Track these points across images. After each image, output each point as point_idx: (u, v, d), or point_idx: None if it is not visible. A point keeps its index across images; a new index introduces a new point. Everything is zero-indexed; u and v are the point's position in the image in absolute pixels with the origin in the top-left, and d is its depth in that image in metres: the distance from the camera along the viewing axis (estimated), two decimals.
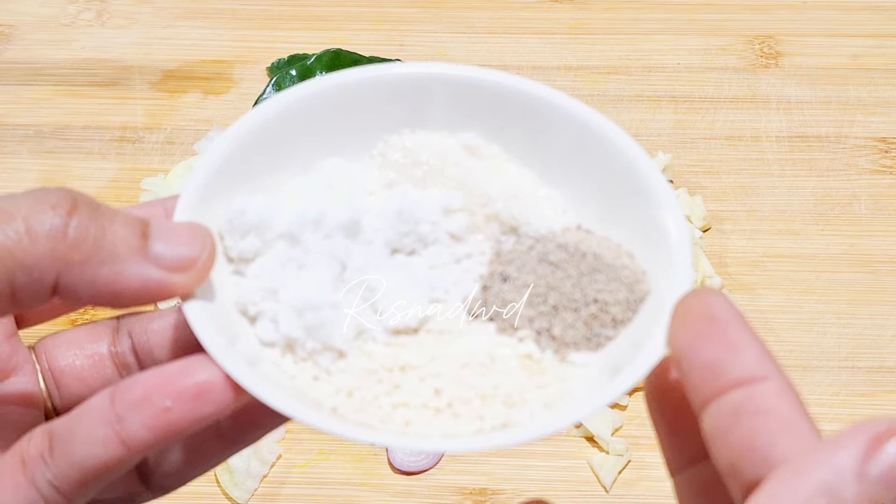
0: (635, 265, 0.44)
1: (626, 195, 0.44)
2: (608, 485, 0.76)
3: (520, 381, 0.42)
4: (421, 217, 0.45)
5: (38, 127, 0.97)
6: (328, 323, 0.42)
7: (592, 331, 0.43)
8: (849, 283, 0.85)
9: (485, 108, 0.47)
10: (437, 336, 0.43)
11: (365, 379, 0.42)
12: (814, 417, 0.35)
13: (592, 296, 0.43)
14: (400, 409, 0.41)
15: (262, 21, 1.05)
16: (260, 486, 0.76)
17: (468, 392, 0.41)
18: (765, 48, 1.02)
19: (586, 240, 0.45)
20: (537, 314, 0.43)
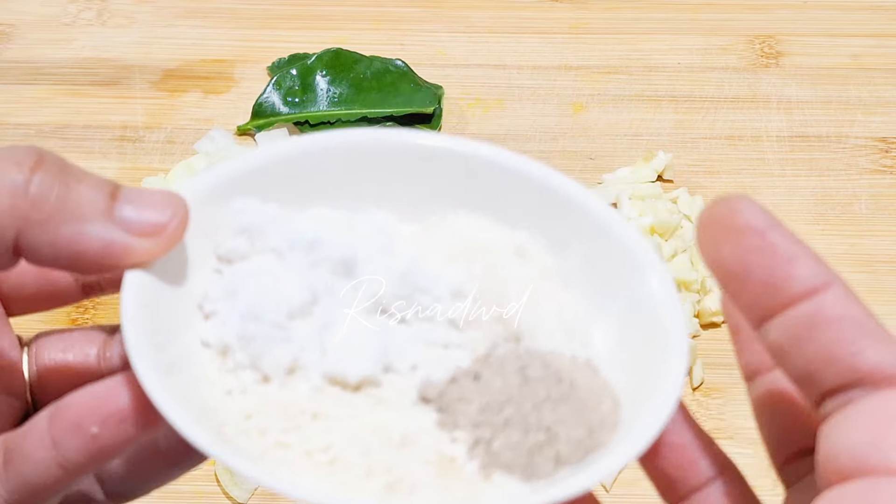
0: (611, 415, 0.40)
1: (645, 331, 0.41)
2: (608, 484, 0.76)
3: (421, 474, 0.38)
4: (425, 288, 0.42)
5: (38, 126, 0.97)
6: (263, 341, 0.39)
7: (531, 459, 0.39)
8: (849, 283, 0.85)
9: (552, 211, 0.44)
10: (372, 402, 0.40)
11: (272, 410, 0.39)
12: None
13: (547, 423, 0.39)
14: (280, 449, 0.38)
15: (262, 20, 1.05)
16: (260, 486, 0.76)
17: (357, 458, 0.38)
18: (765, 48, 1.02)
19: (580, 372, 0.41)
20: (485, 421, 0.40)
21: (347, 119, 0.95)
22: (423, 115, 0.96)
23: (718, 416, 0.79)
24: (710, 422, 0.78)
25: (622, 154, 0.94)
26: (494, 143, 0.47)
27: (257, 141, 0.94)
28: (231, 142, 0.93)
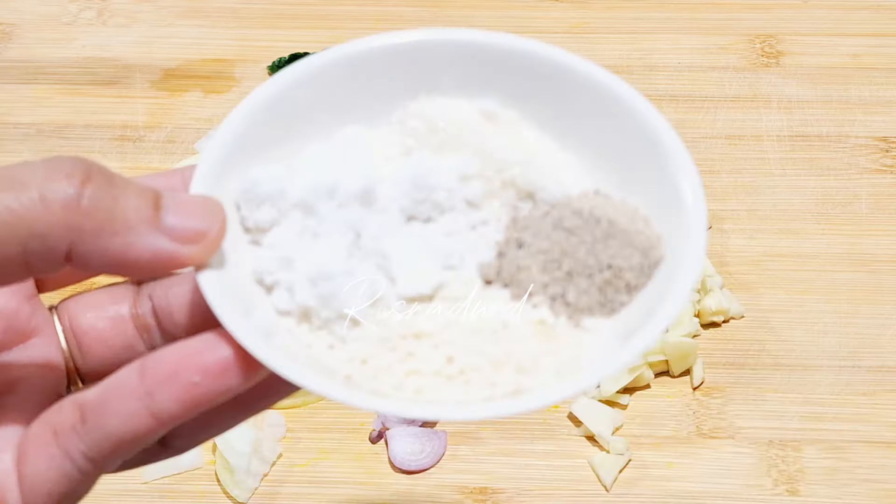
0: (650, 230, 0.44)
1: (644, 159, 0.45)
2: (608, 484, 0.76)
3: (532, 348, 0.42)
4: (436, 184, 0.45)
5: (38, 126, 0.97)
6: (342, 291, 0.42)
7: (606, 296, 0.43)
8: (850, 283, 0.85)
9: (502, 73, 0.46)
10: (451, 303, 0.43)
11: (378, 346, 0.42)
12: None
13: (606, 261, 0.43)
14: (412, 377, 0.41)
15: (262, 20, 1.05)
16: (261, 485, 0.76)
17: (480, 359, 0.42)
18: (766, 47, 1.02)
19: (602, 205, 0.45)
20: (551, 280, 0.43)
21: None
22: None
23: (718, 415, 0.79)
24: (710, 421, 0.78)
25: None
26: None
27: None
28: None
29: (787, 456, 0.77)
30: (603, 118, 0.46)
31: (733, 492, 0.75)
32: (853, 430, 0.78)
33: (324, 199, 0.44)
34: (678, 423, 0.79)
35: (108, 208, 0.38)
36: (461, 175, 0.45)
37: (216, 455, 0.76)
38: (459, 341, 0.42)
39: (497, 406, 0.40)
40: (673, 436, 0.78)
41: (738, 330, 0.83)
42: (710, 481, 0.76)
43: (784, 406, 0.79)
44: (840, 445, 0.77)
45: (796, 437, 0.78)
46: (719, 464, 0.77)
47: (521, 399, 0.40)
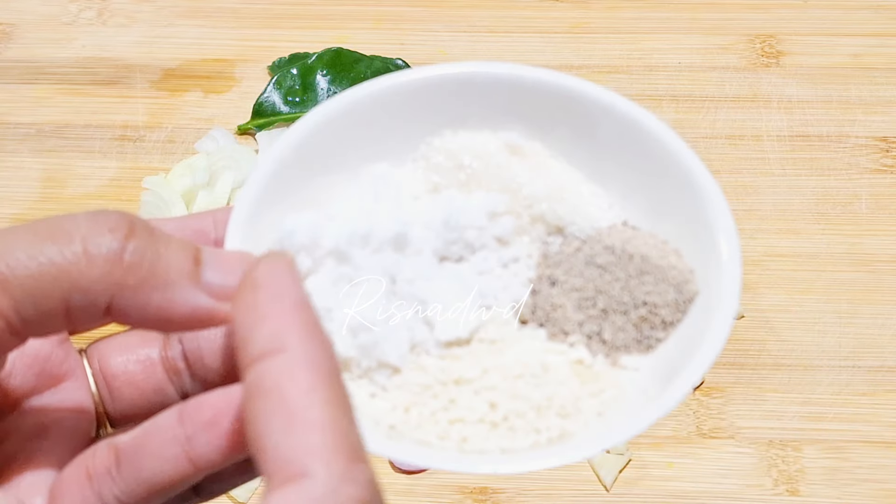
0: (683, 264, 0.44)
1: (671, 189, 0.44)
2: (609, 484, 0.76)
3: (573, 390, 0.42)
4: (467, 223, 0.44)
5: (39, 125, 0.97)
6: (382, 341, 0.42)
7: (643, 333, 0.43)
8: (850, 283, 0.85)
9: (525, 105, 0.47)
10: (488, 345, 0.43)
11: (420, 394, 0.42)
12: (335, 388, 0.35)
13: (641, 298, 0.43)
14: (457, 425, 0.41)
15: (263, 20, 1.05)
16: (261, 485, 0.76)
17: (523, 404, 0.41)
18: (766, 47, 1.02)
19: (633, 239, 0.44)
20: (587, 318, 0.43)
21: None
22: None
23: (719, 415, 0.79)
24: (711, 421, 0.78)
25: None
26: None
27: (258, 140, 0.94)
28: (232, 141, 0.93)
29: (788, 456, 0.77)
30: (627, 148, 0.45)
31: (733, 492, 0.75)
32: (853, 430, 0.78)
33: (358, 246, 0.43)
34: (678, 422, 0.79)
35: (150, 263, 0.38)
36: (490, 212, 0.45)
37: None
38: (501, 386, 0.42)
39: (544, 456, 0.40)
40: (673, 436, 0.78)
41: (738, 330, 0.83)
42: (710, 481, 0.76)
43: (784, 406, 0.79)
44: (840, 445, 0.77)
45: (796, 437, 0.78)
46: (719, 464, 0.77)
47: (567, 447, 0.40)
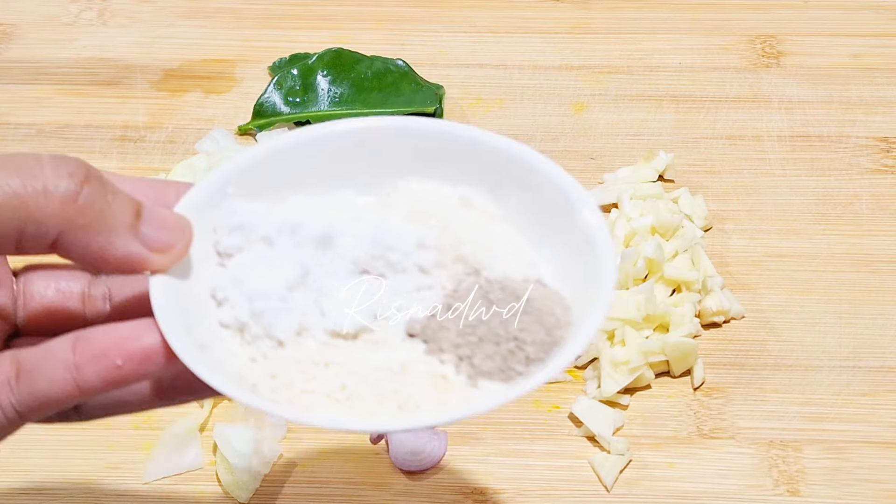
0: (564, 317, 0.50)
1: (582, 261, 0.51)
2: (609, 484, 0.76)
3: (422, 393, 0.48)
4: (394, 246, 0.51)
5: (39, 126, 0.97)
6: (272, 314, 0.49)
7: (507, 364, 0.49)
8: (850, 283, 0.85)
9: (485, 165, 0.53)
10: (370, 345, 0.50)
11: (291, 367, 0.49)
12: None
13: (514, 334, 0.50)
14: (307, 395, 0.48)
15: (263, 20, 1.05)
16: (261, 486, 0.76)
17: (368, 391, 0.48)
18: (766, 48, 1.02)
19: (532, 289, 0.51)
20: (464, 342, 0.50)
21: None
22: (425, 114, 0.96)
23: (719, 415, 0.79)
24: (711, 422, 0.78)
25: (623, 154, 0.94)
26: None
27: (258, 141, 0.94)
28: (232, 141, 0.93)
29: (788, 456, 0.77)
30: (559, 219, 0.52)
31: (734, 492, 0.75)
32: (854, 430, 0.78)
33: (286, 235, 0.51)
34: (679, 423, 0.79)
35: (98, 209, 0.45)
36: (419, 242, 0.51)
37: (217, 455, 0.77)
38: (359, 374, 0.49)
39: (358, 421, 0.48)
40: (673, 436, 0.78)
41: (738, 330, 0.83)
42: (710, 482, 0.76)
43: (785, 406, 0.79)
44: (841, 446, 0.77)
45: (797, 438, 0.78)
46: (720, 464, 0.77)
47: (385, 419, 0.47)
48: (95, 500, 0.76)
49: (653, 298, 0.80)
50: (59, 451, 0.78)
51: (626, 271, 0.82)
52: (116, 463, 0.77)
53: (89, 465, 0.77)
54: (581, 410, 0.78)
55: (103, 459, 0.78)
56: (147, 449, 0.78)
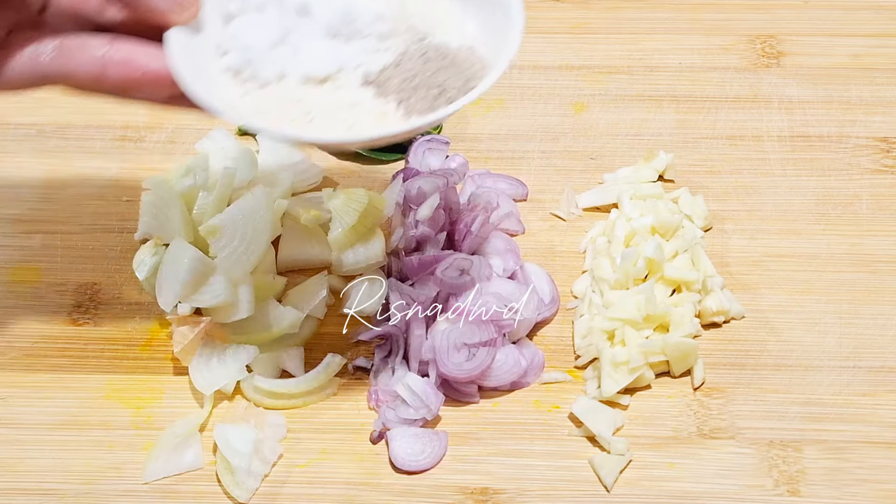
0: (481, 72, 0.71)
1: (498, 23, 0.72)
2: (609, 484, 0.76)
3: (367, 120, 0.69)
4: (358, 17, 0.71)
5: (39, 126, 0.97)
6: (259, 62, 0.70)
7: (434, 104, 0.70)
8: (850, 283, 0.85)
9: None
10: (332, 89, 0.71)
11: (272, 101, 0.69)
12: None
13: (440, 82, 0.70)
14: (280, 120, 0.68)
15: None
16: (261, 486, 0.76)
17: (327, 117, 0.69)
18: (766, 48, 1.02)
19: (461, 51, 0.71)
20: (404, 89, 0.70)
21: None
22: None
23: (719, 416, 0.79)
24: (711, 422, 0.78)
25: (623, 154, 0.94)
26: (495, 143, 0.73)
27: (258, 141, 0.94)
28: (232, 142, 0.93)
29: (788, 456, 0.77)
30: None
31: (734, 492, 0.75)
32: (854, 430, 0.78)
33: (273, 5, 0.72)
34: (679, 423, 0.79)
35: None
36: (378, 15, 0.71)
37: (217, 456, 0.77)
38: (321, 107, 0.69)
39: (316, 132, 0.69)
40: (674, 436, 0.78)
41: (738, 330, 0.83)
42: (710, 482, 0.76)
43: (785, 406, 0.79)
44: (841, 446, 0.77)
45: (797, 438, 0.78)
46: (720, 464, 0.77)
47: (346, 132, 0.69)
48: (95, 500, 0.76)
49: (653, 298, 0.80)
50: (59, 452, 0.78)
51: (626, 271, 0.82)
52: (116, 463, 0.77)
53: (89, 465, 0.77)
54: (581, 410, 0.78)
55: (103, 459, 0.78)
56: (147, 449, 0.78)
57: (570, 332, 0.83)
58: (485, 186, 0.90)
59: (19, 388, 0.81)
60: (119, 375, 0.82)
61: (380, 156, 0.94)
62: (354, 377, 0.82)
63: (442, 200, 0.86)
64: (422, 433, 0.78)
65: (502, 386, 0.80)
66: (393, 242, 0.85)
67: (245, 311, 0.81)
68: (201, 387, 0.79)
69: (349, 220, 0.85)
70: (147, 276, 0.83)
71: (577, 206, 0.91)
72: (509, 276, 0.83)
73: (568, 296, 0.85)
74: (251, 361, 0.81)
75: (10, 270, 0.88)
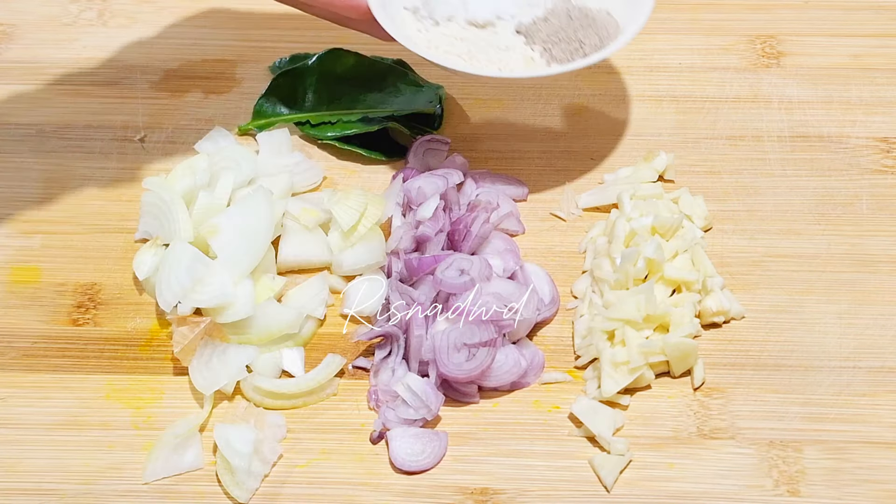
0: (614, 33, 0.88)
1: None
2: (609, 484, 0.76)
3: (516, 63, 0.87)
4: None
5: (39, 126, 0.97)
6: (435, 3, 0.89)
7: (572, 56, 0.87)
8: (850, 283, 0.85)
9: None
10: (490, 33, 0.88)
11: (440, 38, 0.88)
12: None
13: (580, 38, 0.87)
14: (446, 55, 0.86)
15: (263, 20, 1.05)
16: (261, 486, 0.76)
17: (484, 56, 0.87)
18: (766, 48, 1.02)
19: (599, 14, 0.89)
20: (548, 40, 0.87)
21: (349, 119, 0.95)
22: (425, 114, 0.96)
23: (719, 416, 0.79)
24: (711, 422, 0.78)
25: (623, 154, 0.94)
26: (495, 143, 0.76)
27: (258, 141, 0.94)
28: (232, 142, 0.93)
29: (788, 457, 0.77)
30: None
31: (734, 492, 0.75)
32: (854, 430, 0.78)
33: None
34: (679, 423, 0.79)
35: None
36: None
37: (217, 456, 0.76)
38: (480, 47, 0.87)
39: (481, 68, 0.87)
40: (674, 436, 0.78)
41: (738, 330, 0.83)
42: (710, 482, 0.76)
43: (785, 407, 0.79)
44: (841, 446, 0.77)
45: (797, 438, 0.78)
46: (720, 464, 0.77)
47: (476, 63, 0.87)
48: (95, 500, 0.76)
49: (653, 298, 0.80)
50: (58, 452, 0.78)
51: (626, 271, 0.82)
52: (116, 463, 0.77)
53: (89, 465, 0.77)
54: (581, 410, 0.78)
55: (103, 460, 0.78)
56: (147, 449, 0.78)
57: (570, 332, 0.83)
58: (485, 186, 0.90)
59: (19, 388, 0.81)
60: (119, 375, 0.82)
61: (380, 156, 0.94)
62: (354, 377, 0.82)
63: (442, 200, 0.86)
64: (422, 433, 0.78)
65: (502, 386, 0.80)
66: (393, 242, 0.85)
67: (245, 311, 0.81)
68: (201, 387, 0.79)
69: (349, 220, 0.85)
70: (147, 276, 0.83)
71: (577, 206, 0.91)
72: (509, 277, 0.83)
73: (568, 296, 0.85)
74: (251, 361, 0.81)
75: (10, 270, 0.88)
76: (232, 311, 0.81)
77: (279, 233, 0.86)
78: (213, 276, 0.81)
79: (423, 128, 0.95)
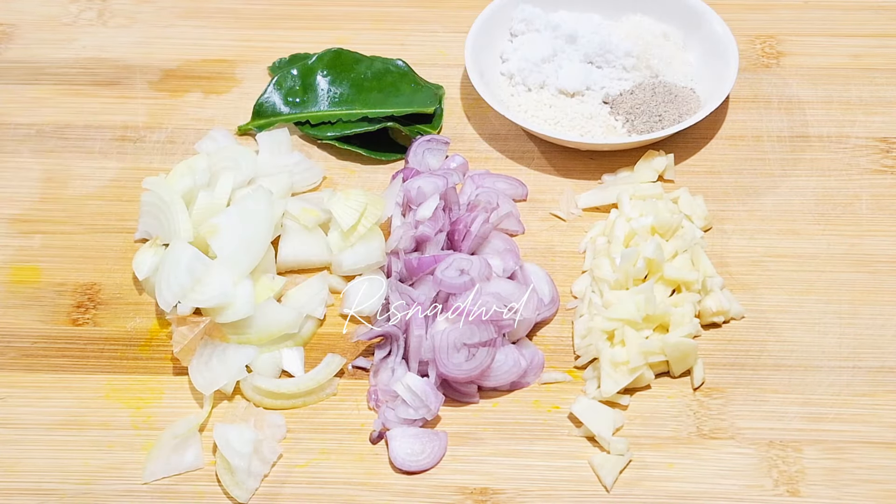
0: (695, 107, 0.94)
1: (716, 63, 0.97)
2: (609, 484, 0.76)
3: (599, 130, 0.94)
4: (612, 50, 0.97)
5: (39, 126, 0.97)
6: (528, 72, 0.97)
7: (651, 128, 0.93)
8: (850, 283, 0.85)
9: (684, 16, 1.00)
10: (578, 102, 0.95)
11: (531, 103, 0.96)
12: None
13: (660, 112, 0.93)
14: (534, 119, 0.95)
15: (263, 20, 1.05)
16: (261, 486, 0.76)
17: (569, 123, 0.94)
18: (766, 48, 1.02)
19: (682, 91, 0.95)
20: (631, 112, 0.94)
21: (349, 119, 0.95)
22: (425, 114, 0.96)
23: (719, 416, 0.79)
24: (711, 422, 0.78)
25: (623, 154, 0.94)
26: (495, 143, 0.76)
27: (258, 141, 0.94)
28: (232, 142, 0.93)
29: (788, 456, 0.77)
30: (706, 44, 0.98)
31: (734, 492, 0.75)
32: (853, 430, 0.78)
33: (549, 30, 0.98)
34: (679, 423, 0.79)
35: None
36: (627, 52, 0.97)
37: (216, 456, 0.76)
38: (567, 114, 0.95)
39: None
40: (673, 436, 0.78)
41: (738, 330, 0.83)
42: (710, 482, 0.76)
43: (784, 407, 0.79)
44: (840, 446, 0.77)
45: (797, 438, 0.78)
46: (720, 464, 0.77)
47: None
48: (95, 500, 0.76)
49: (653, 298, 0.80)
50: (58, 452, 0.78)
51: (625, 271, 0.82)
52: (116, 463, 0.77)
53: (89, 465, 0.77)
54: (581, 410, 0.78)
55: (103, 460, 0.78)
56: (147, 449, 0.78)
57: (569, 332, 0.83)
58: (485, 186, 0.90)
59: (19, 388, 0.81)
60: (119, 375, 0.82)
61: (380, 156, 0.94)
62: (354, 377, 0.82)
63: (442, 200, 0.86)
64: (422, 433, 0.78)
65: (502, 386, 0.80)
66: (393, 242, 0.85)
67: (245, 311, 0.81)
68: (201, 387, 0.79)
69: (349, 220, 0.85)
70: (147, 276, 0.83)
71: (577, 206, 0.91)
72: (509, 276, 0.83)
73: (568, 296, 0.85)
74: (251, 361, 0.81)
75: (10, 270, 0.88)
76: (232, 311, 0.81)
77: (279, 233, 0.86)
78: (213, 276, 0.81)
79: (423, 128, 0.95)
